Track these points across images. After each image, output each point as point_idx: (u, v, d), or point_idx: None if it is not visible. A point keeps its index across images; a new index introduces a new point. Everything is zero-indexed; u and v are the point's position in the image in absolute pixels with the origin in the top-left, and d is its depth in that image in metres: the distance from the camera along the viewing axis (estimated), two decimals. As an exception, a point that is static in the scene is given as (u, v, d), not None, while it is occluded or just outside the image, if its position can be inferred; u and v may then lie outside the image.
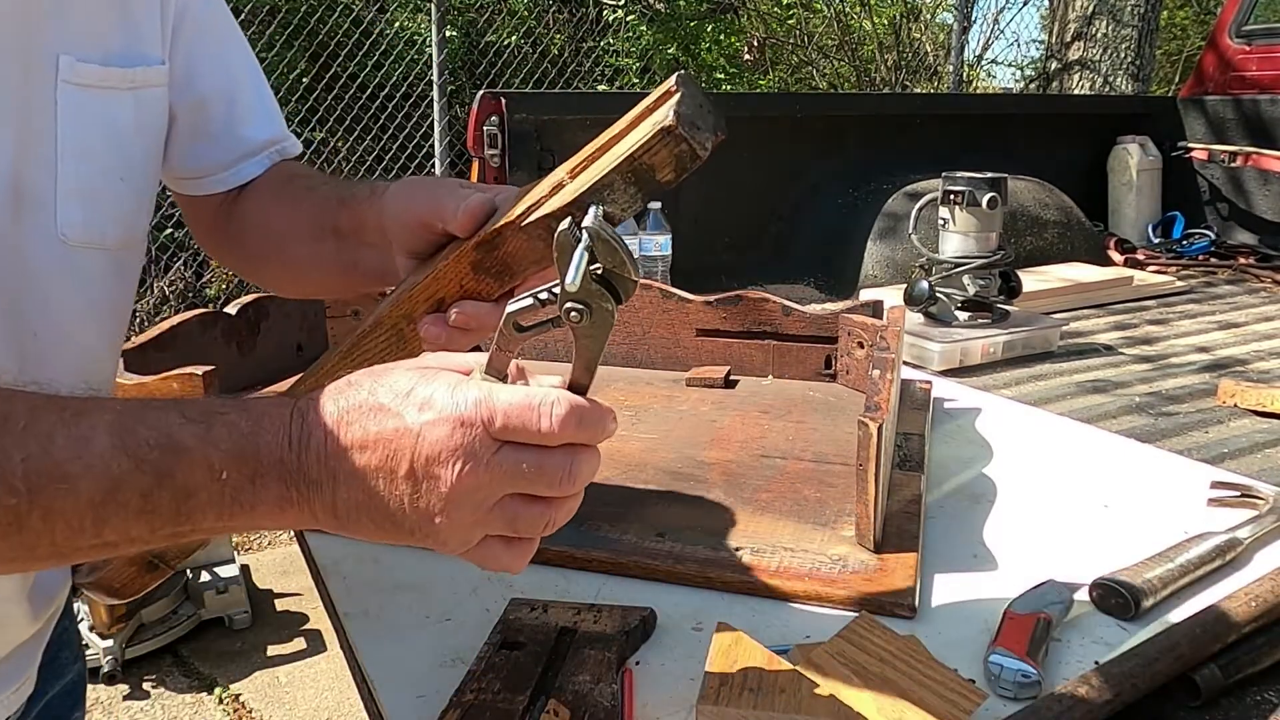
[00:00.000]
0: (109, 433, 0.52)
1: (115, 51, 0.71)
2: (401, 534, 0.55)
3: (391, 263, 0.75)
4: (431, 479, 0.53)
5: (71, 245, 0.70)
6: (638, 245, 2.20)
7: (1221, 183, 2.96)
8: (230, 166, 0.87)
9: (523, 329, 0.57)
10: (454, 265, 0.66)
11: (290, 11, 5.13)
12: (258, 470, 0.53)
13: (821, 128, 2.63)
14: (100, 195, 0.71)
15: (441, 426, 0.53)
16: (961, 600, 0.88)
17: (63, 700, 0.86)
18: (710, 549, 0.94)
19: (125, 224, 0.75)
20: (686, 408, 1.37)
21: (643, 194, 0.55)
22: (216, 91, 0.85)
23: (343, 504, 0.54)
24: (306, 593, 3.03)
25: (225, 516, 0.54)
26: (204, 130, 0.84)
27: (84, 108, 0.69)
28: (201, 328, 1.46)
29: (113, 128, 0.72)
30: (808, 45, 7.65)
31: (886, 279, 2.27)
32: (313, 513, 0.55)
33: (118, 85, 0.72)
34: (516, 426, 0.53)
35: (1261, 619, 0.79)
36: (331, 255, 0.82)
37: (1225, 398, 1.52)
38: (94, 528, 0.52)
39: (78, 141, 0.69)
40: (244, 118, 0.88)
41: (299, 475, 0.54)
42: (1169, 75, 8.67)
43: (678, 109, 0.52)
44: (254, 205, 0.89)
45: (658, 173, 0.53)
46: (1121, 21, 5.17)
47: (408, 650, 0.81)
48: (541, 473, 0.54)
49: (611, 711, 0.69)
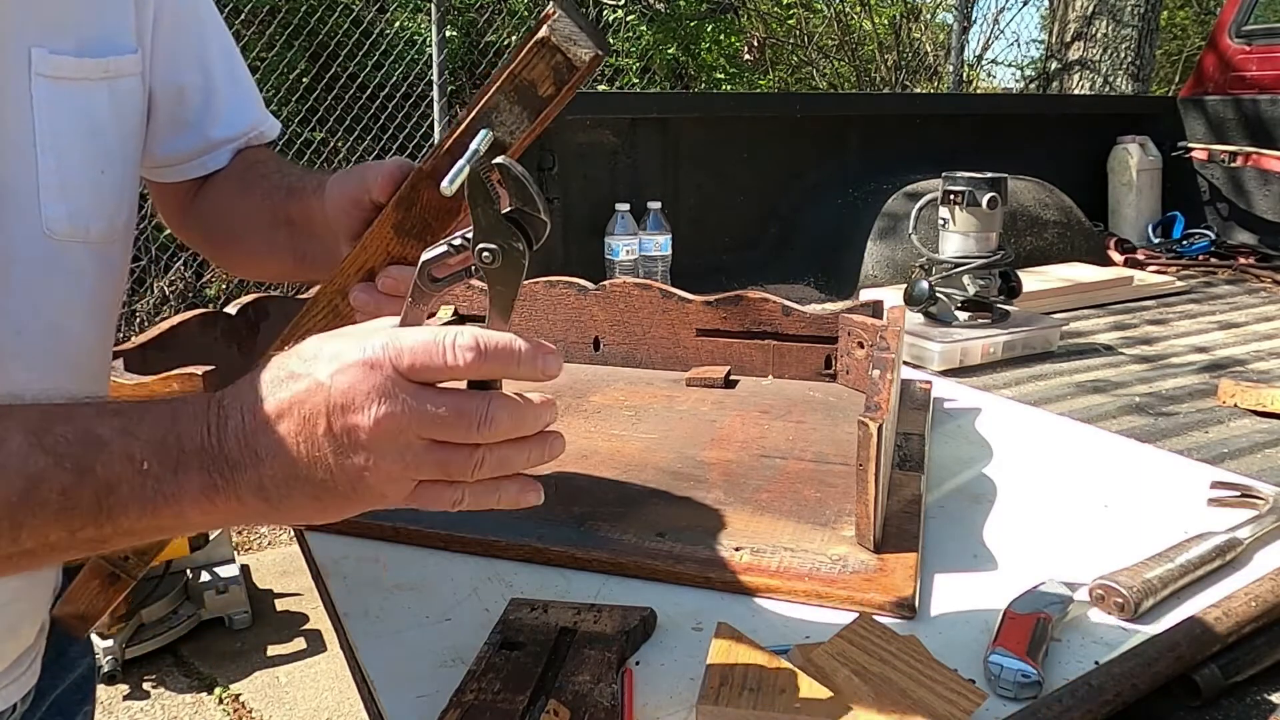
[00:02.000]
0: (24, 431, 0.51)
1: (88, 41, 0.71)
2: (336, 499, 0.54)
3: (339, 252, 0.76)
4: (350, 429, 0.52)
5: (56, 240, 0.69)
6: (637, 245, 2.20)
7: (1221, 183, 2.96)
8: (206, 153, 0.88)
9: (436, 280, 0.58)
10: (377, 231, 0.67)
11: (290, 11, 5.12)
12: (179, 459, 0.52)
13: (821, 128, 2.63)
14: (81, 188, 0.71)
15: (350, 372, 0.52)
16: (961, 600, 0.88)
17: (71, 695, 0.87)
18: (710, 549, 0.94)
19: (108, 216, 0.75)
20: (686, 408, 1.37)
21: (528, 113, 0.56)
22: (195, 81, 0.85)
23: (269, 481, 0.53)
24: (306, 593, 3.03)
25: (149, 511, 0.52)
26: (182, 119, 0.84)
27: (60, 100, 0.68)
28: (201, 328, 1.46)
29: (90, 119, 0.71)
30: (808, 45, 7.66)
31: (886, 279, 2.26)
32: (240, 498, 0.53)
33: (92, 76, 0.71)
34: (423, 363, 0.53)
35: (1261, 619, 0.79)
36: (285, 244, 0.82)
37: (1225, 398, 1.52)
38: (10, 533, 0.50)
39: (55, 135, 0.68)
40: (221, 107, 0.88)
41: (221, 459, 0.53)
42: (1169, 75, 8.67)
43: (552, 25, 0.54)
44: (217, 192, 0.89)
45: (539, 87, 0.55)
46: (1121, 21, 5.17)
47: (408, 650, 0.81)
48: (458, 415, 0.53)
49: (611, 711, 0.69)
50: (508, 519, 1.00)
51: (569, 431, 1.27)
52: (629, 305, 1.56)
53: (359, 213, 0.71)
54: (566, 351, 1.60)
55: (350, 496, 0.54)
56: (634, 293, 1.55)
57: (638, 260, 2.20)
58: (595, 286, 1.58)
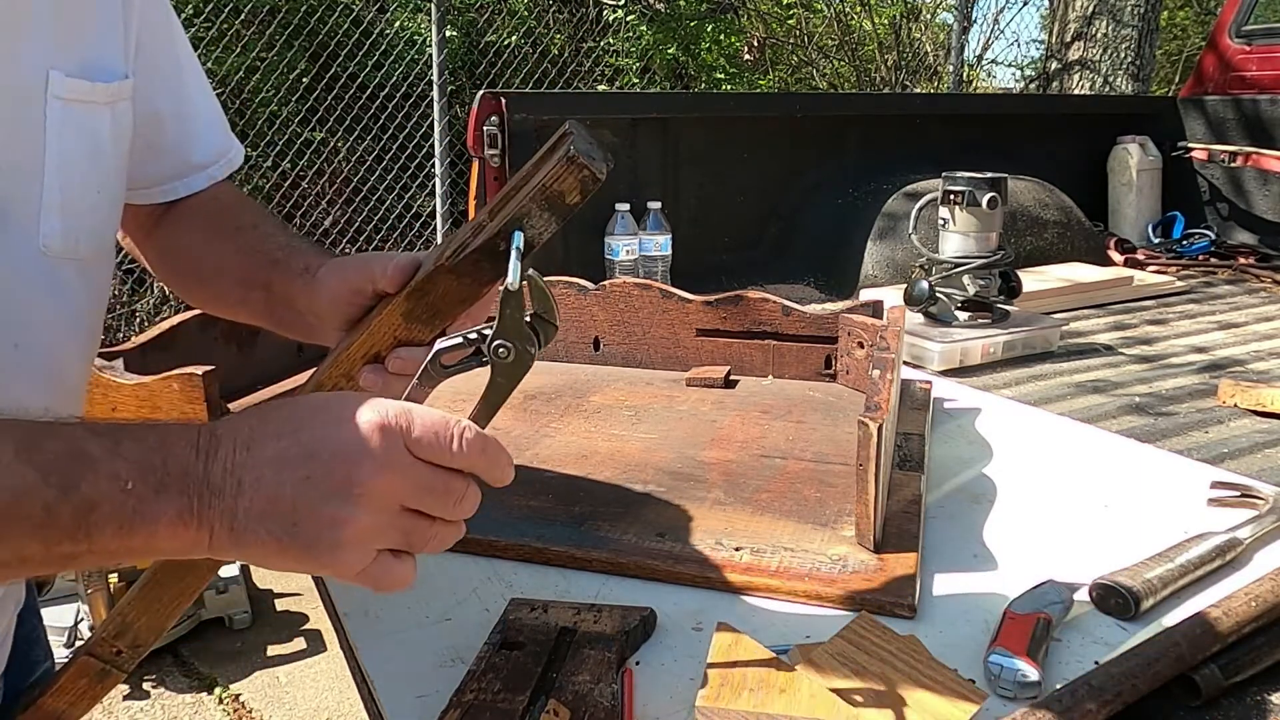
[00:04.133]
0: (13, 445, 0.51)
1: (92, 66, 0.72)
2: (296, 547, 0.55)
3: (319, 333, 0.79)
4: (347, 481, 0.54)
5: (51, 257, 0.70)
6: (637, 245, 2.20)
7: (1221, 183, 2.96)
8: (178, 178, 0.89)
9: (446, 368, 0.64)
10: (387, 319, 0.71)
11: (290, 11, 5.12)
12: (163, 481, 0.53)
13: (821, 128, 2.63)
14: (79, 208, 0.72)
15: (364, 429, 0.55)
16: (961, 600, 0.88)
17: None
18: (710, 549, 0.94)
19: (98, 235, 0.76)
20: (686, 408, 1.37)
21: (556, 217, 0.64)
22: (170, 107, 0.86)
23: (244, 513, 0.54)
24: (306, 593, 3.03)
25: (125, 531, 0.53)
26: (156, 144, 0.86)
27: (69, 122, 0.70)
28: (201, 328, 1.46)
29: (93, 141, 0.73)
30: (808, 45, 7.66)
31: (886, 279, 2.26)
32: (209, 527, 0.54)
33: (99, 100, 0.73)
34: (430, 441, 0.57)
35: (1261, 619, 0.79)
36: (261, 306, 0.85)
37: (1225, 398, 1.52)
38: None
39: (63, 155, 0.70)
40: (194, 133, 0.90)
41: (202, 484, 0.54)
42: (1169, 75, 8.67)
43: (574, 144, 0.62)
44: (184, 228, 0.91)
45: (566, 197, 0.63)
46: (1121, 21, 5.17)
47: (408, 650, 0.81)
48: (446, 491, 0.58)
49: (611, 711, 0.69)
50: (508, 519, 1.00)
51: (569, 431, 1.28)
52: (629, 305, 1.56)
53: (359, 300, 0.75)
54: (567, 351, 1.60)
55: (313, 547, 0.55)
56: (634, 293, 1.55)
57: (638, 260, 2.20)
58: (595, 286, 1.58)
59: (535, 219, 0.63)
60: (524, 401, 1.37)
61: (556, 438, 1.25)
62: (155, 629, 0.68)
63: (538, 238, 0.64)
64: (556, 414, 1.34)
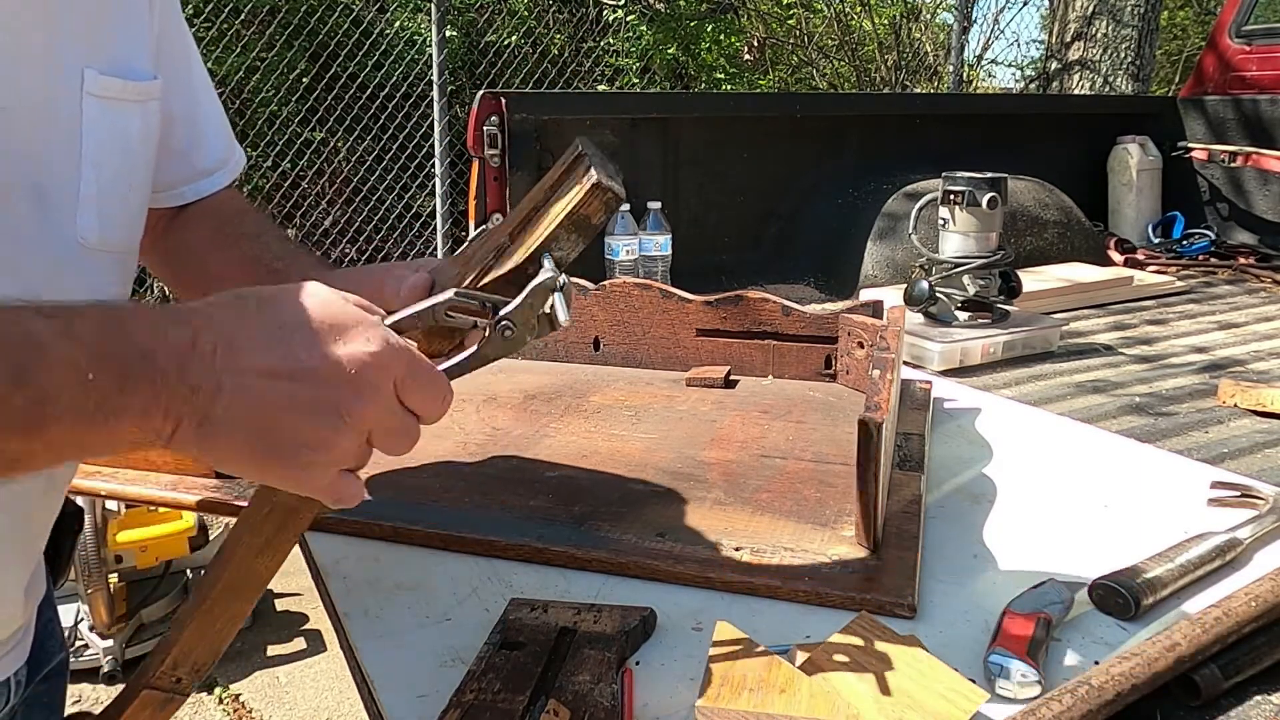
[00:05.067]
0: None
1: (125, 66, 0.74)
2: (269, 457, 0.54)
3: None
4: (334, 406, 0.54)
5: (87, 249, 0.72)
6: (637, 245, 2.20)
7: (1221, 183, 2.96)
8: (189, 182, 0.90)
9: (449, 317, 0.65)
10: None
11: (290, 11, 5.12)
12: (126, 372, 0.49)
13: (821, 128, 2.63)
14: (112, 202, 0.74)
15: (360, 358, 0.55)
16: (961, 600, 0.88)
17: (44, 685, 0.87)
18: (710, 549, 0.94)
19: (129, 229, 0.78)
20: (686, 408, 1.37)
21: (582, 239, 0.66)
22: (182, 110, 0.87)
23: (220, 414, 0.52)
24: (306, 593, 3.03)
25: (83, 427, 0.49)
26: (171, 147, 0.87)
27: (103, 119, 0.71)
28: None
29: (125, 139, 0.74)
30: (808, 45, 7.66)
31: (886, 279, 2.26)
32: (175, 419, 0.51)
33: (132, 98, 0.74)
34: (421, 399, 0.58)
35: (1261, 619, 0.79)
36: None
37: (1225, 398, 1.52)
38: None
39: (97, 151, 0.71)
40: (202, 137, 0.91)
41: (178, 379, 0.50)
42: (1169, 75, 8.67)
43: (595, 168, 0.65)
44: (191, 233, 0.91)
45: (593, 219, 0.66)
46: (1121, 21, 5.17)
47: (408, 650, 0.81)
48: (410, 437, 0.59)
49: (611, 711, 0.69)
50: (508, 519, 1.00)
51: (569, 431, 1.28)
52: (629, 305, 1.56)
53: None
54: (567, 351, 1.60)
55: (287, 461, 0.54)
56: (634, 293, 1.55)
57: (638, 260, 2.20)
58: (595, 286, 1.58)
59: (563, 241, 0.66)
60: (524, 401, 1.37)
61: (556, 438, 1.25)
62: (214, 652, 0.69)
63: (565, 259, 0.67)
64: (556, 414, 1.34)
